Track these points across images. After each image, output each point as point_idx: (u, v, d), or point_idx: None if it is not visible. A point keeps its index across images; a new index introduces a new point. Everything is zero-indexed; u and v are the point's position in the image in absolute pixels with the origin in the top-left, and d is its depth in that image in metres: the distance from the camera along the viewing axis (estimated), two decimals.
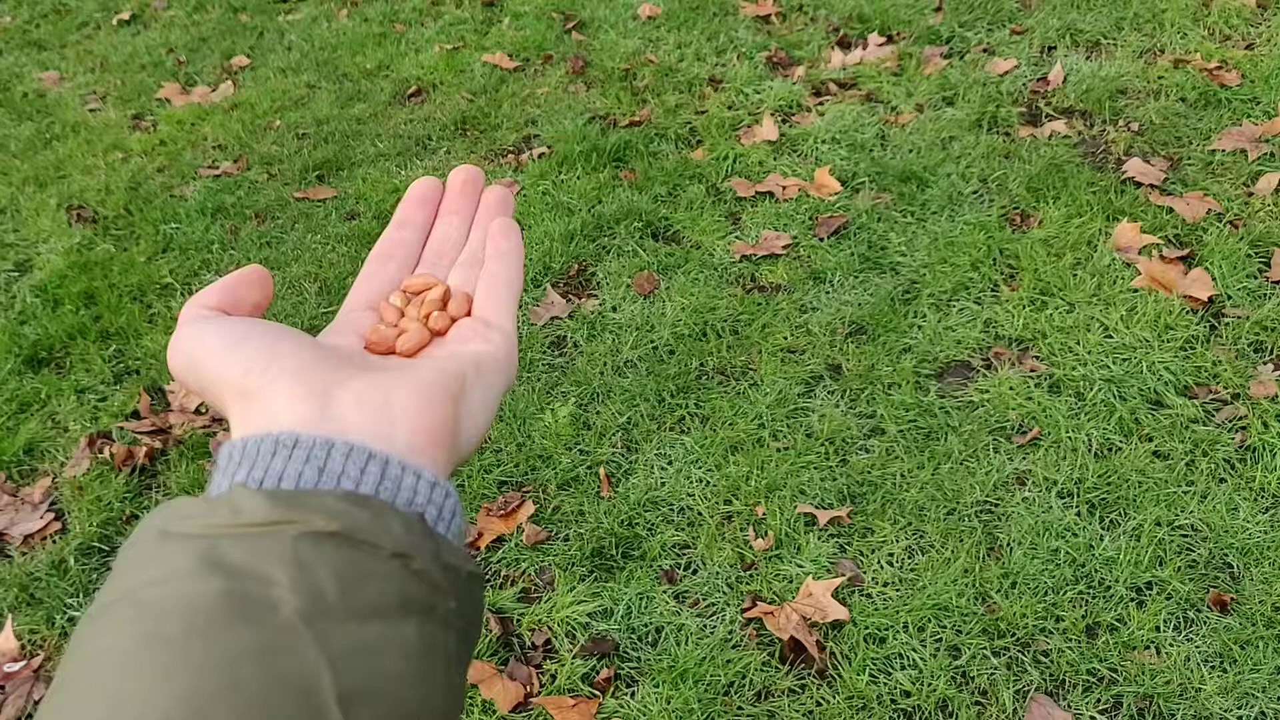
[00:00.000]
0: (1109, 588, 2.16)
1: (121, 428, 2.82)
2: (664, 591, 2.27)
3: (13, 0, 5.54)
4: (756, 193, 3.34)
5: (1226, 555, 2.18)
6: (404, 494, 0.45)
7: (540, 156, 3.68)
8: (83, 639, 0.39)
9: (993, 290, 2.87)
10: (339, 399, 0.47)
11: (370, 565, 0.41)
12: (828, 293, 2.94)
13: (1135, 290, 2.78)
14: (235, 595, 0.38)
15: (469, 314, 0.59)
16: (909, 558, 2.28)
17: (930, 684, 2.04)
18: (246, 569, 0.39)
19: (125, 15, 5.19)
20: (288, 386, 0.47)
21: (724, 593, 2.25)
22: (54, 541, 2.55)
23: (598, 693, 2.10)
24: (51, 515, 2.62)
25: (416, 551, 0.43)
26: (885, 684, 2.06)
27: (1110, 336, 2.68)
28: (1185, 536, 2.23)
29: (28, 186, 3.91)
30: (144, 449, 2.73)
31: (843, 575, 2.25)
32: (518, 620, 2.25)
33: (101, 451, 2.74)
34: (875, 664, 2.09)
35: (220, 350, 0.50)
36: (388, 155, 3.83)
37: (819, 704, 2.04)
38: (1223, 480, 2.33)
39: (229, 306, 0.53)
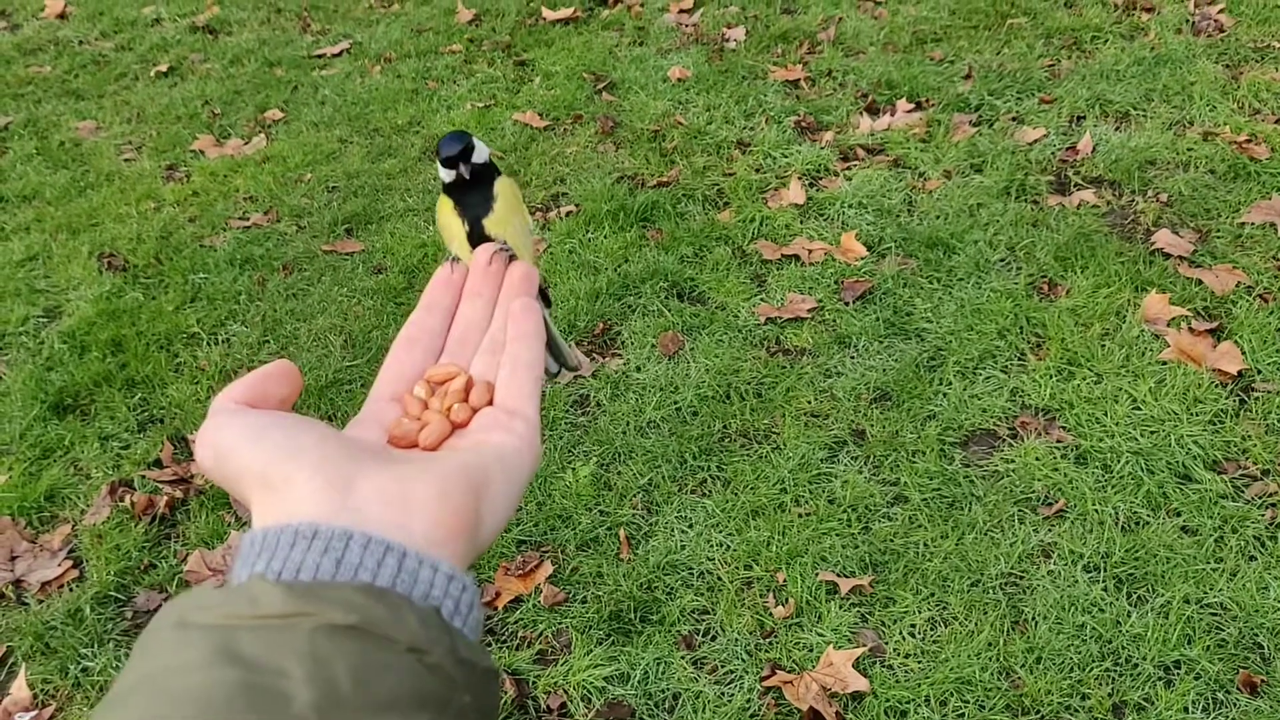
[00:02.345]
0: (1136, 666, 2.12)
1: (143, 476, 2.82)
2: (682, 657, 2.24)
3: (53, 50, 5.64)
4: (782, 255, 3.34)
5: (1257, 635, 2.14)
6: (421, 587, 0.45)
7: (568, 215, 3.70)
8: None
9: (1019, 359, 2.85)
10: (359, 490, 0.47)
11: (386, 659, 0.41)
12: (852, 358, 2.93)
13: (1164, 362, 2.76)
14: (250, 687, 0.38)
15: (491, 402, 0.59)
16: (931, 629, 2.24)
17: None
18: (262, 661, 0.39)
19: (163, 67, 5.27)
20: (308, 478, 0.48)
21: (743, 660, 2.22)
22: (71, 590, 2.55)
23: None
24: (70, 563, 2.62)
25: (432, 646, 0.42)
26: None
27: (1138, 408, 2.65)
28: (1214, 615, 2.19)
29: (60, 233, 3.95)
30: (165, 498, 2.73)
31: (864, 645, 2.21)
32: (533, 682, 2.23)
33: (123, 500, 2.74)
34: None
35: (243, 442, 0.50)
36: (416, 210, 3.86)
37: None
38: (1252, 558, 2.29)
39: (256, 400, 0.54)
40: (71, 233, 3.96)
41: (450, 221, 0.87)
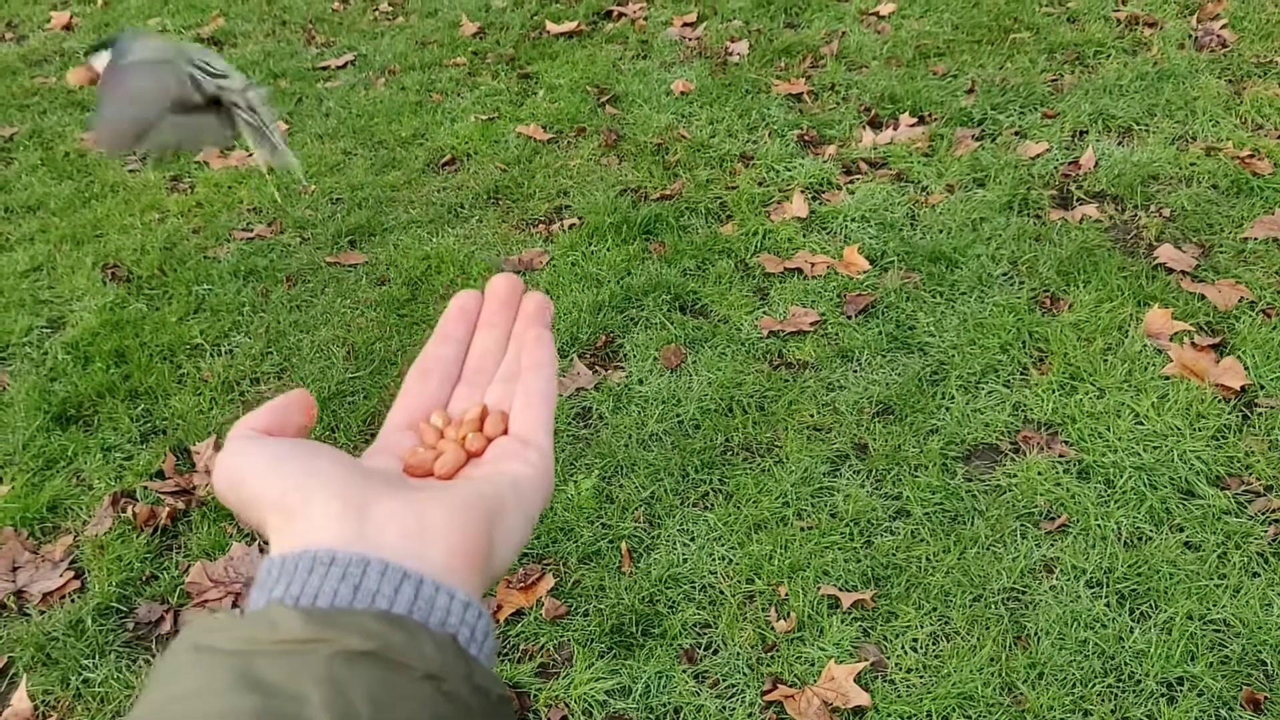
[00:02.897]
0: (1139, 682, 2.11)
1: (146, 487, 2.82)
2: (683, 671, 2.23)
3: (59, 61, 5.66)
4: (785, 269, 3.34)
5: (1260, 652, 2.14)
6: (437, 614, 0.46)
7: (571, 227, 3.70)
8: None
9: (1022, 373, 2.86)
10: (375, 518, 0.48)
11: (403, 686, 0.41)
12: (855, 371, 2.93)
13: (1166, 377, 2.76)
14: (269, 713, 0.38)
15: (505, 432, 0.60)
16: (934, 644, 2.24)
17: None
18: (280, 687, 0.39)
19: None
20: (325, 504, 0.48)
21: (744, 674, 2.22)
22: (72, 600, 2.55)
23: None
24: (71, 574, 2.62)
25: (448, 673, 0.43)
26: None
27: (1141, 424, 2.65)
28: (1217, 631, 2.19)
29: (65, 244, 3.96)
30: (167, 509, 2.73)
31: (866, 660, 2.21)
32: (535, 695, 2.22)
33: (124, 511, 2.74)
34: None
35: (261, 469, 0.51)
36: (420, 222, 3.87)
37: None
38: (1256, 575, 2.29)
39: (273, 428, 0.55)
40: (75, 243, 3.97)
41: None
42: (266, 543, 0.48)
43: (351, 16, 5.80)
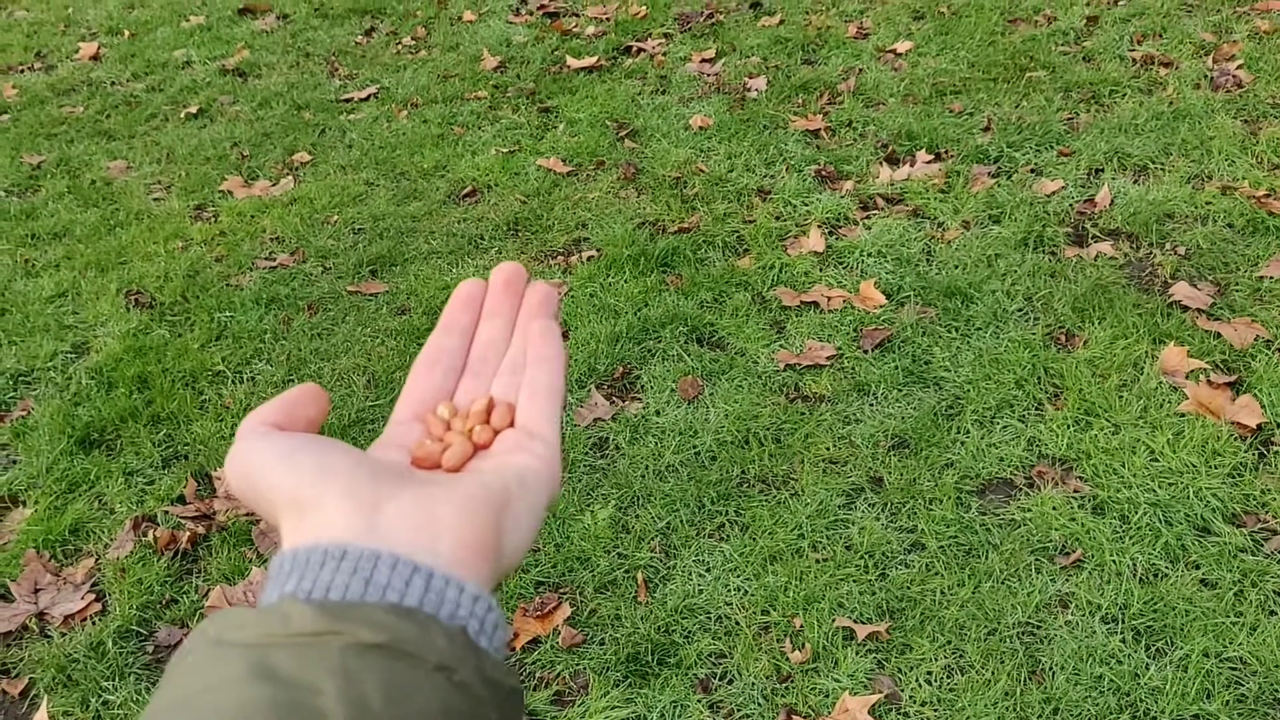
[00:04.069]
0: (1155, 719, 2.11)
1: (167, 511, 2.85)
2: (698, 701, 2.24)
3: (86, 91, 5.74)
4: (802, 302, 3.37)
5: (1277, 691, 2.13)
6: (447, 607, 0.46)
7: (589, 259, 3.74)
8: None
9: (1037, 409, 2.87)
10: (386, 512, 0.49)
11: (415, 677, 0.42)
12: (871, 405, 2.95)
13: (1182, 414, 2.77)
14: (284, 704, 0.39)
15: (512, 424, 0.60)
16: (948, 677, 2.24)
17: None
18: (296, 678, 0.40)
19: (193, 109, 5.36)
20: (337, 500, 0.49)
21: (759, 704, 2.22)
22: (94, 623, 2.57)
23: None
24: (93, 596, 2.64)
25: (460, 664, 0.44)
26: None
27: (1156, 460, 2.66)
28: (1234, 669, 2.19)
29: (89, 271, 4.01)
30: (187, 534, 2.75)
31: (880, 692, 2.21)
32: None
33: (146, 534, 2.77)
34: None
35: (273, 464, 0.52)
36: (440, 253, 3.91)
37: None
38: (1273, 613, 2.29)
39: (284, 422, 0.55)
40: (100, 270, 4.02)
41: None
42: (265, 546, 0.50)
43: (374, 50, 5.88)
